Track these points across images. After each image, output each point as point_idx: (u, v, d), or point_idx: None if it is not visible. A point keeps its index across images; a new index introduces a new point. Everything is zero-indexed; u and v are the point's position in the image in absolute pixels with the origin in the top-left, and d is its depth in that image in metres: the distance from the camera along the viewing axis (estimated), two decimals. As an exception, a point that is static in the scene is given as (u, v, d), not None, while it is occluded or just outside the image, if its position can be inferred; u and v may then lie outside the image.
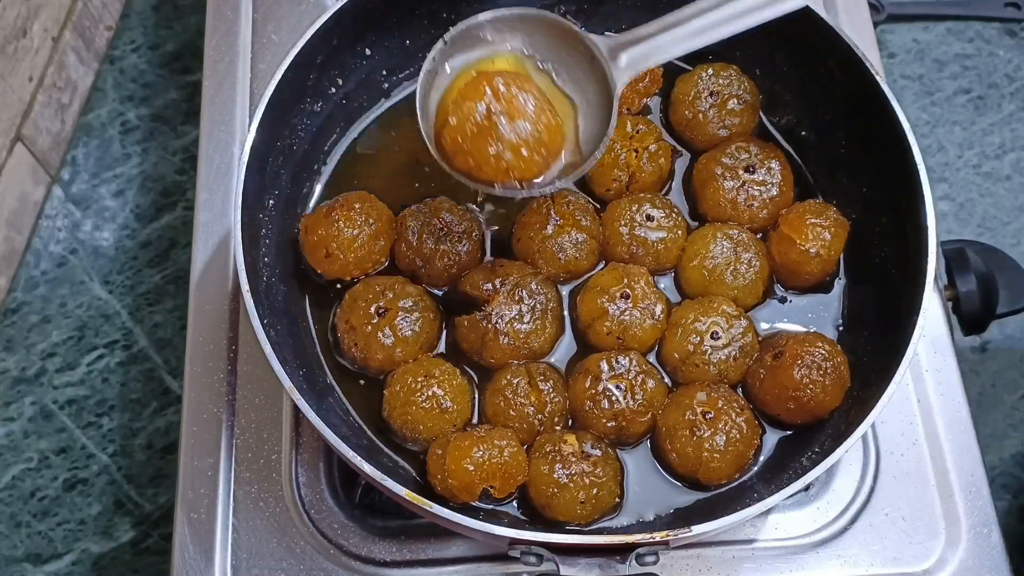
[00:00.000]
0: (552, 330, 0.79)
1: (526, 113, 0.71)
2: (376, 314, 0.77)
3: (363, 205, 0.80)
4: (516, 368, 0.76)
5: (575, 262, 0.81)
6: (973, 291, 0.87)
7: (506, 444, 0.72)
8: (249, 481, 0.82)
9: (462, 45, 0.75)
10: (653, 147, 0.84)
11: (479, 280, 0.79)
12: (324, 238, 0.79)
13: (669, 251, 0.81)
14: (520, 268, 0.80)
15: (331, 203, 0.81)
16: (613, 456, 0.75)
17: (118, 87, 1.15)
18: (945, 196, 1.13)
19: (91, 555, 0.94)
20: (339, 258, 0.79)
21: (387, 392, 0.76)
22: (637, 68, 0.74)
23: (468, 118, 0.70)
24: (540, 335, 0.78)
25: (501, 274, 0.79)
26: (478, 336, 0.77)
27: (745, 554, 0.80)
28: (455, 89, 0.74)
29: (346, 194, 0.82)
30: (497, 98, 0.70)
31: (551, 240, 0.80)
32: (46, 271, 1.05)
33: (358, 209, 0.80)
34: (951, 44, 1.21)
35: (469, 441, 0.71)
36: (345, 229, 0.79)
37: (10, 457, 0.97)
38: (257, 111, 0.77)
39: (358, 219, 0.79)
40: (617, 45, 0.74)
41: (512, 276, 0.78)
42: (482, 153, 0.71)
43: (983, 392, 1.04)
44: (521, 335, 0.77)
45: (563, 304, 0.81)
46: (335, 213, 0.79)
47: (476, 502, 0.73)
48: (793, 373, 0.74)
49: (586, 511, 0.72)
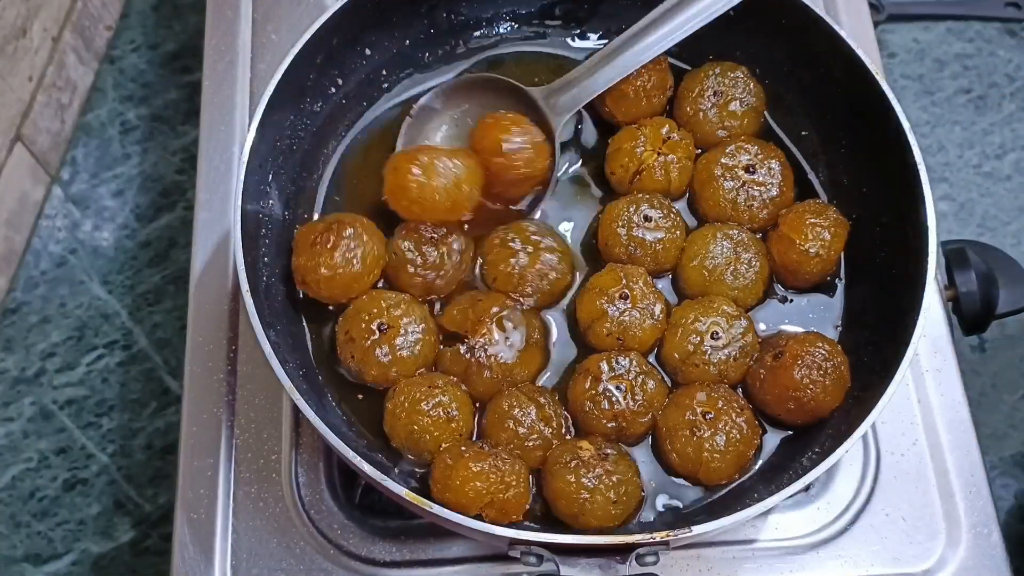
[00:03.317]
0: (536, 362, 0.79)
1: None
2: (377, 330, 0.76)
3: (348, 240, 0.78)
4: (510, 392, 0.76)
5: (557, 282, 0.81)
6: (973, 291, 0.87)
7: (514, 482, 0.70)
8: (249, 481, 0.82)
9: (425, 118, 0.87)
10: (673, 158, 0.83)
11: (459, 315, 0.78)
12: (306, 269, 0.77)
13: (667, 251, 0.81)
14: (501, 299, 0.79)
15: (318, 231, 0.78)
16: (626, 452, 0.75)
17: (118, 87, 1.15)
18: (945, 196, 1.13)
19: (91, 555, 0.94)
20: (321, 291, 0.78)
21: (389, 404, 0.75)
22: (573, 108, 0.85)
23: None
24: (524, 367, 0.77)
25: (482, 307, 0.78)
26: (461, 368, 0.77)
27: (745, 554, 0.80)
28: None
29: (334, 223, 0.78)
30: None
31: (529, 270, 0.80)
32: (46, 271, 1.05)
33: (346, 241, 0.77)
34: (951, 44, 1.21)
35: (480, 467, 0.70)
36: (324, 268, 0.77)
37: (10, 457, 0.97)
38: (257, 111, 0.77)
39: (340, 254, 0.77)
40: (550, 91, 0.85)
41: (494, 308, 0.78)
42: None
43: (983, 392, 1.04)
44: (506, 367, 0.76)
45: (547, 334, 0.81)
46: (317, 246, 0.77)
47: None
48: (793, 373, 0.74)
49: (619, 510, 0.72)
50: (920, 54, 1.21)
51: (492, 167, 0.81)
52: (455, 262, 0.80)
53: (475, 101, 0.87)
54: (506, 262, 0.80)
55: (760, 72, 0.88)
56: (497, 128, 0.82)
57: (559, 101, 0.85)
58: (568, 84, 0.85)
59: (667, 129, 0.84)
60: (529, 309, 0.80)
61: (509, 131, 0.81)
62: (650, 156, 0.83)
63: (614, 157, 0.85)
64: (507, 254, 0.80)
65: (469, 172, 0.79)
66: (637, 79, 0.85)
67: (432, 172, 0.77)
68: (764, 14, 0.86)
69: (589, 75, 0.84)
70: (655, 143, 0.84)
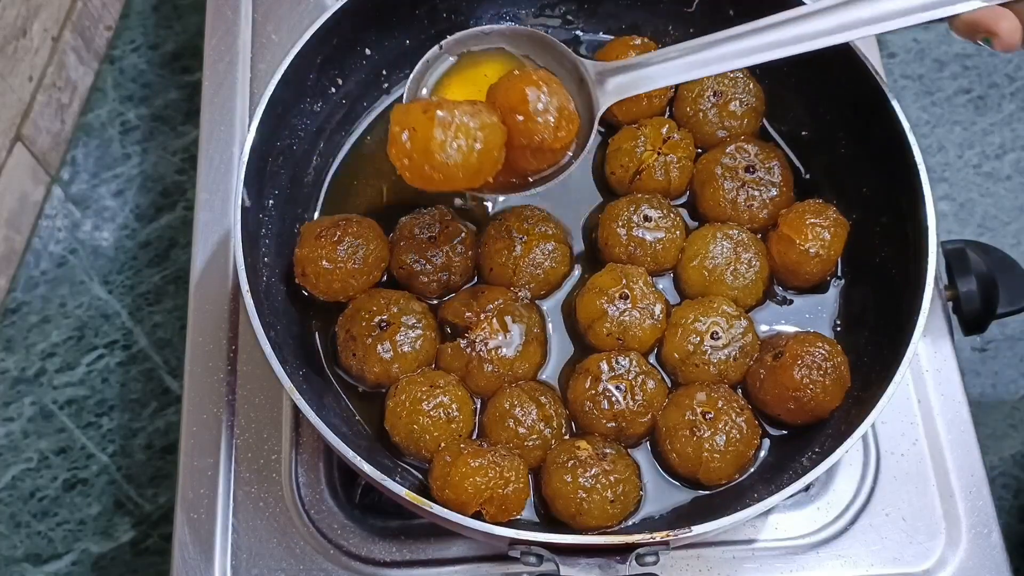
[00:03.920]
0: (537, 356, 0.79)
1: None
2: (378, 327, 0.77)
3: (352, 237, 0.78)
4: (512, 390, 0.76)
5: (553, 271, 0.81)
6: (973, 291, 0.87)
7: (513, 478, 0.70)
8: (249, 481, 0.82)
9: (455, 50, 0.76)
10: (674, 158, 0.83)
11: (461, 307, 0.78)
12: (308, 260, 0.78)
13: (667, 251, 0.81)
14: (503, 292, 0.79)
15: (325, 226, 0.79)
16: (624, 452, 0.75)
17: (118, 87, 1.15)
18: (945, 196, 1.13)
19: (91, 555, 0.94)
20: (319, 285, 0.79)
21: (390, 403, 0.76)
22: (623, 94, 0.75)
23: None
24: (525, 361, 0.77)
25: (483, 300, 0.78)
26: (462, 364, 0.77)
27: (745, 554, 0.80)
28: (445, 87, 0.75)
29: (343, 220, 0.79)
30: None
31: (524, 259, 0.80)
32: (46, 271, 1.05)
33: (351, 238, 0.78)
34: (951, 44, 1.21)
35: (479, 463, 0.70)
36: (325, 261, 0.77)
37: (10, 457, 0.97)
38: (257, 111, 0.77)
39: (344, 249, 0.77)
40: (605, 70, 0.75)
41: (495, 301, 0.78)
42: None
43: (983, 392, 1.04)
44: (506, 362, 0.77)
45: (545, 327, 0.81)
46: (322, 239, 0.77)
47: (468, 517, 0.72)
48: (793, 373, 0.74)
49: (617, 510, 0.72)
50: (920, 54, 1.21)
51: (509, 127, 0.70)
52: (461, 253, 0.80)
53: (517, 48, 0.77)
54: (501, 253, 0.80)
55: (760, 72, 0.88)
56: (525, 81, 0.70)
57: (611, 81, 0.75)
58: (627, 67, 0.75)
59: (667, 129, 0.84)
60: (528, 303, 0.80)
61: (539, 88, 0.70)
62: (650, 156, 0.83)
63: (614, 157, 0.85)
64: (502, 245, 0.80)
65: (498, 133, 0.68)
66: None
67: (457, 131, 0.66)
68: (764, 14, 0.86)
69: (653, 64, 0.75)
70: (655, 143, 0.84)
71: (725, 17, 0.89)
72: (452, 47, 0.76)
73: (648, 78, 0.75)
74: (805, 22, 0.73)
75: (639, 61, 0.75)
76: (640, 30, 0.92)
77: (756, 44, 0.73)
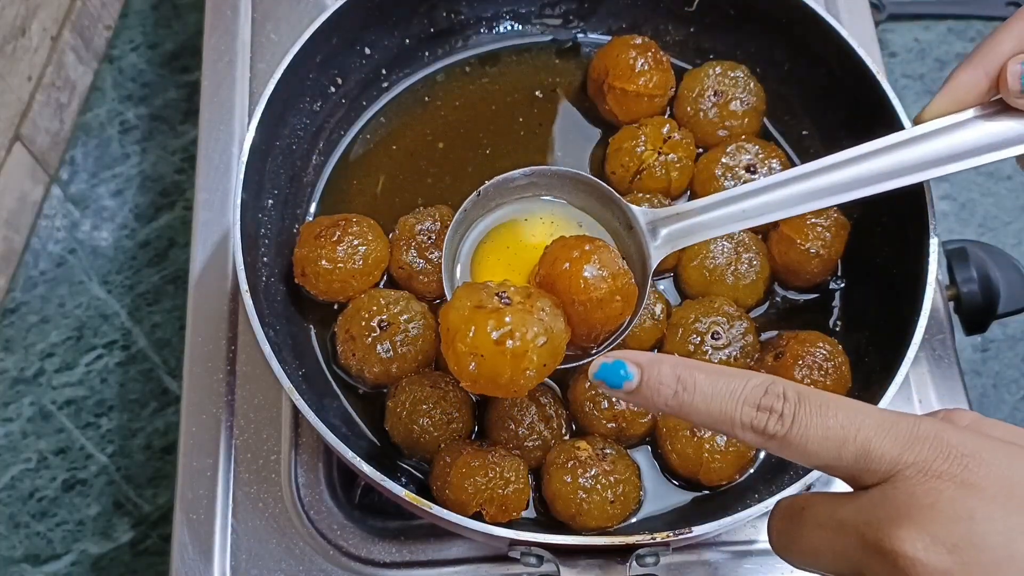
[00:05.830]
0: None
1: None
2: (378, 327, 0.77)
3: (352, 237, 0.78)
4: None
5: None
6: (974, 291, 0.87)
7: (513, 478, 0.70)
8: (248, 482, 0.81)
9: (494, 198, 0.72)
10: (674, 158, 0.83)
11: None
12: (307, 260, 0.78)
13: (668, 251, 0.81)
14: None
15: (324, 225, 0.79)
16: (624, 452, 0.75)
17: (117, 86, 1.15)
18: (946, 196, 1.13)
19: (90, 556, 0.94)
20: (319, 285, 0.79)
21: (390, 403, 0.76)
22: (676, 245, 0.70)
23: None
24: None
25: None
26: None
27: (745, 554, 0.80)
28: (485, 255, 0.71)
29: (342, 219, 0.79)
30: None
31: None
32: (45, 271, 1.05)
33: (351, 238, 0.78)
34: (952, 43, 1.21)
35: (479, 463, 0.70)
36: (324, 260, 0.77)
37: (9, 458, 0.97)
38: (256, 111, 0.77)
39: (343, 249, 0.77)
40: (657, 219, 0.70)
41: None
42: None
43: (984, 392, 1.03)
44: None
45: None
46: (322, 239, 0.77)
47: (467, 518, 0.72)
48: (794, 373, 0.74)
49: (617, 510, 0.72)
50: (921, 53, 1.21)
51: (569, 314, 0.65)
52: None
53: (560, 195, 0.73)
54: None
55: (760, 72, 0.88)
56: (584, 260, 0.63)
57: (664, 231, 0.70)
58: (679, 215, 0.70)
59: (668, 128, 0.84)
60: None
61: (594, 264, 0.64)
62: (651, 156, 0.83)
63: (614, 156, 0.85)
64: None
65: (565, 338, 0.63)
66: (639, 78, 0.85)
67: (529, 358, 0.60)
68: (765, 13, 0.86)
69: (708, 212, 0.70)
70: (656, 142, 0.84)
71: (725, 17, 0.89)
72: (491, 194, 0.71)
73: (703, 225, 0.70)
74: (871, 160, 0.70)
75: (689, 209, 0.70)
76: (640, 29, 0.92)
77: (813, 187, 0.70)
